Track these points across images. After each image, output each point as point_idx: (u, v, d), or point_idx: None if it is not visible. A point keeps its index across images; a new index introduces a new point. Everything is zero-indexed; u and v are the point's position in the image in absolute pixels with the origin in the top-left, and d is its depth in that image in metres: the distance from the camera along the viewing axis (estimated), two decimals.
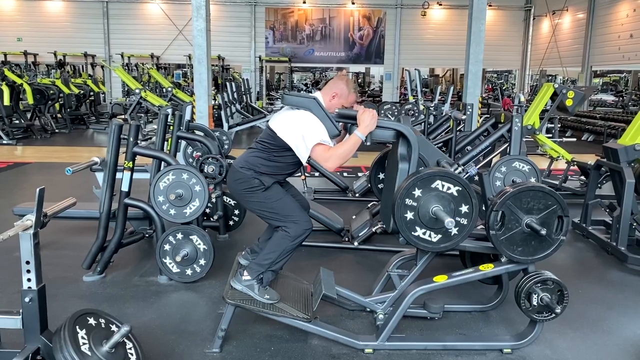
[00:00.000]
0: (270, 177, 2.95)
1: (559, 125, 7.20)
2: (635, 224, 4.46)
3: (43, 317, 2.28)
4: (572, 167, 6.66)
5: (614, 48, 15.75)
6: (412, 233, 2.72)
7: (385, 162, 3.65)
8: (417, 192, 2.68)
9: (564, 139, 7.66)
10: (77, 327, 2.17)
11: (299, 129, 2.86)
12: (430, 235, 2.73)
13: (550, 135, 6.89)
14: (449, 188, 2.68)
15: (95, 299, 3.50)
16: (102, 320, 2.32)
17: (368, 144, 2.92)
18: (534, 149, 8.65)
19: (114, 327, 2.34)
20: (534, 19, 20.64)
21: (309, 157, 2.92)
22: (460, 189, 2.68)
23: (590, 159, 6.67)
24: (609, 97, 21.01)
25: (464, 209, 2.69)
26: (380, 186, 4.14)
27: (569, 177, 6.89)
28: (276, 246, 2.93)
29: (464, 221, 2.70)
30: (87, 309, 2.32)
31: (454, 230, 2.70)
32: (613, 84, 23.59)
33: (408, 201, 2.68)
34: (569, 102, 6.10)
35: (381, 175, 4.15)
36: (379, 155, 4.22)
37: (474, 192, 2.70)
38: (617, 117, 12.90)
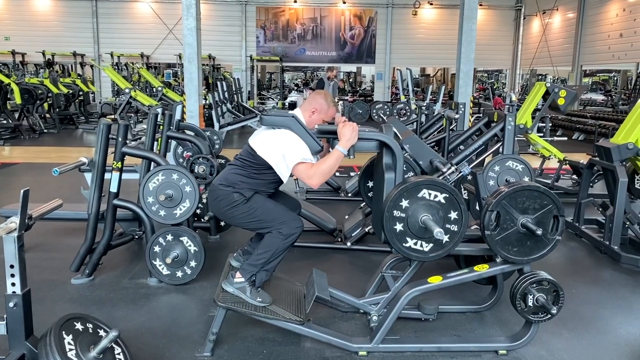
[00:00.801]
0: (250, 190, 2.91)
1: (550, 125, 7.22)
2: (628, 222, 4.45)
3: (28, 323, 2.22)
4: (564, 166, 6.66)
5: (604, 47, 15.83)
6: (403, 244, 2.69)
7: (373, 170, 3.61)
8: (405, 203, 2.65)
9: (555, 138, 7.67)
10: (64, 332, 2.11)
11: (279, 148, 2.82)
12: (421, 245, 2.70)
13: (542, 134, 6.90)
14: (436, 196, 2.65)
15: (84, 302, 3.43)
16: (90, 325, 2.26)
17: (352, 157, 2.86)
18: (525, 148, 8.67)
19: (102, 332, 2.28)
20: (524, 18, 20.72)
21: (291, 174, 2.88)
22: (447, 195, 2.65)
23: (581, 158, 6.67)
24: (599, 97, 21.12)
25: (453, 215, 2.66)
26: (370, 194, 4.10)
27: (561, 176, 6.89)
28: (269, 245, 2.88)
29: (454, 228, 2.67)
30: (73, 314, 2.25)
31: (445, 238, 2.67)
32: (602, 83, 23.73)
33: (396, 213, 2.65)
34: (561, 101, 6.10)
35: (370, 184, 4.11)
36: (367, 164, 4.18)
37: (462, 198, 2.67)
38: (607, 116, 12.96)
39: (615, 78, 23.96)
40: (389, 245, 2.79)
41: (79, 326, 2.20)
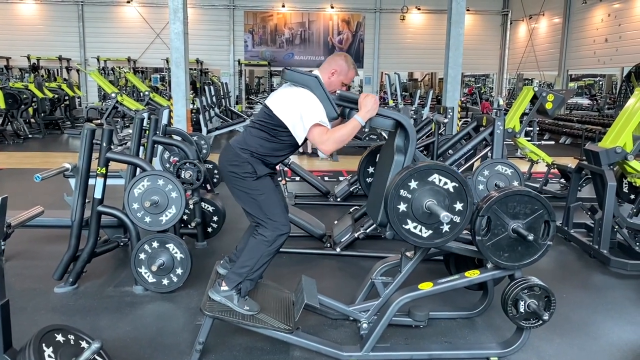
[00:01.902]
0: (264, 165, 2.82)
1: (537, 129, 7.24)
2: (617, 226, 4.46)
3: (7, 335, 2.13)
4: (552, 170, 6.68)
5: (590, 52, 15.99)
6: (403, 226, 2.61)
7: (377, 156, 3.56)
8: (413, 184, 2.59)
9: (543, 142, 7.71)
10: (44, 344, 2.03)
11: (297, 107, 2.73)
12: (420, 230, 2.63)
13: (529, 138, 6.92)
14: (445, 183, 2.59)
15: (67, 311, 3.34)
16: (71, 337, 2.19)
17: (366, 129, 2.81)
18: (512, 152, 8.70)
19: (84, 344, 2.21)
20: (511, 23, 20.89)
21: (305, 138, 2.80)
22: (457, 185, 2.60)
23: (569, 162, 6.71)
24: (585, 101, 21.32)
25: (458, 206, 2.61)
26: (368, 180, 4.04)
27: (549, 180, 6.90)
28: (253, 252, 2.82)
29: (457, 219, 2.61)
30: (54, 325, 2.18)
31: (446, 228, 2.62)
32: (587, 87, 23.96)
33: (402, 192, 2.58)
34: (548, 105, 6.12)
35: (370, 170, 4.05)
36: (370, 150, 4.13)
37: (470, 190, 2.63)
38: (593, 120, 13.06)
39: (601, 82, 24.20)
40: (384, 228, 2.73)
41: (59, 338, 2.13)
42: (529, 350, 2.93)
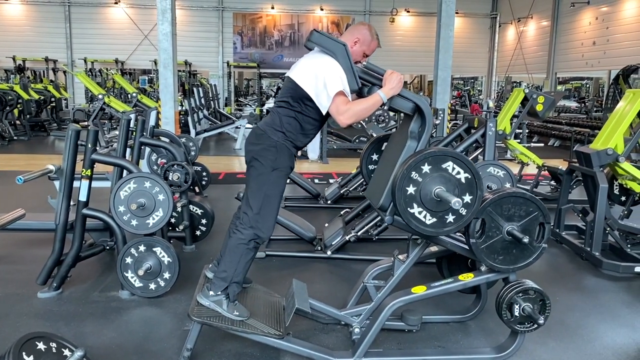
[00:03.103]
0: (288, 155, 2.74)
1: (527, 131, 7.24)
2: (608, 228, 4.44)
3: None
4: (542, 172, 6.67)
5: (578, 55, 16.11)
6: (408, 209, 2.53)
7: (382, 144, 3.48)
8: (426, 168, 2.51)
9: (532, 144, 7.72)
10: (24, 353, 1.95)
11: (321, 75, 2.63)
12: (425, 217, 2.55)
13: (519, 140, 6.91)
14: (458, 172, 2.52)
15: (50, 317, 3.25)
16: (53, 345, 2.10)
17: (386, 107, 2.75)
18: (502, 154, 8.71)
19: (66, 352, 2.13)
20: (499, 26, 21.01)
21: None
22: (469, 177, 2.53)
23: (558, 164, 6.71)
24: (572, 104, 21.50)
25: (467, 199, 2.53)
26: (371, 167, 3.96)
27: (539, 182, 6.89)
28: (232, 254, 2.74)
29: (463, 211, 2.55)
30: (35, 333, 2.09)
31: (450, 218, 2.55)
32: (576, 90, 24.17)
33: (414, 174, 2.50)
34: (539, 107, 6.11)
35: (374, 157, 3.96)
36: (376, 137, 4.05)
37: (482, 184, 2.56)
38: (582, 123, 13.14)
39: (588, 85, 24.41)
40: (384, 212, 2.65)
41: (41, 346, 2.05)
42: (524, 355, 2.89)
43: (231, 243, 2.76)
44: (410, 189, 2.53)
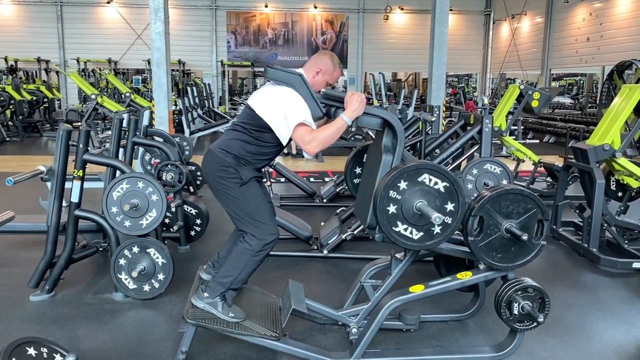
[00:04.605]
0: (249, 169, 2.71)
1: (522, 127, 7.23)
2: (606, 224, 4.42)
3: None
4: (538, 169, 6.65)
5: (572, 51, 16.12)
6: (393, 228, 2.53)
7: (364, 156, 3.46)
8: (403, 185, 2.50)
9: (527, 141, 7.70)
10: (14, 359, 1.90)
11: (281, 106, 2.62)
12: (411, 232, 2.55)
13: (514, 137, 6.89)
14: (436, 183, 2.51)
15: (43, 320, 3.20)
16: (44, 349, 2.05)
17: (353, 129, 2.72)
18: (498, 151, 8.69)
19: (58, 357, 2.08)
20: (493, 23, 21.01)
21: (290, 138, 2.69)
22: (448, 185, 2.52)
23: (554, 160, 6.70)
24: (567, 100, 21.53)
25: (450, 207, 2.53)
26: (356, 181, 3.94)
27: (535, 179, 6.88)
28: (236, 262, 2.70)
29: (449, 220, 2.54)
30: (25, 338, 2.04)
31: (437, 229, 2.54)
32: (570, 86, 24.20)
33: (392, 193, 2.50)
34: (534, 103, 6.09)
35: (358, 170, 3.95)
36: (357, 149, 4.04)
37: (462, 190, 2.54)
38: (576, 119, 13.15)
39: (582, 82, 24.46)
40: (373, 230, 2.64)
41: (31, 351, 2.00)
42: (523, 353, 2.86)
43: (237, 250, 2.72)
44: (392, 208, 2.52)
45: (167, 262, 3.45)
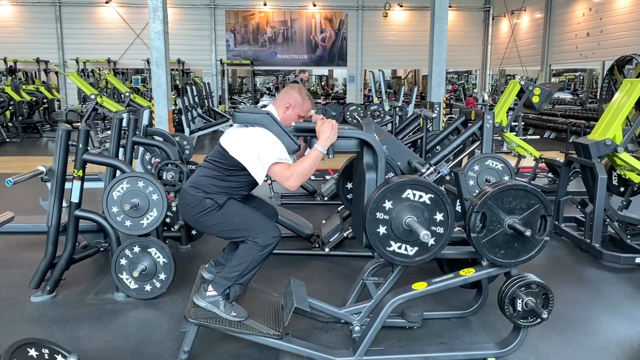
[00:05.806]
0: (223, 195, 2.72)
1: (522, 123, 7.20)
2: (608, 220, 4.40)
3: None
4: (539, 165, 6.63)
5: (572, 47, 16.06)
6: (387, 248, 2.55)
7: (352, 170, 3.46)
8: (388, 204, 2.51)
9: (528, 137, 7.67)
10: None
11: (253, 147, 2.63)
12: (406, 249, 2.56)
13: (515, 133, 6.87)
14: (420, 196, 2.52)
15: (44, 321, 3.19)
16: (46, 351, 2.05)
17: (331, 157, 2.71)
18: (499, 147, 8.66)
19: (59, 358, 2.07)
20: (493, 19, 20.94)
21: (267, 177, 2.71)
22: (432, 196, 2.53)
23: (555, 156, 6.67)
24: (567, 95, 21.49)
25: (439, 217, 2.54)
26: (349, 196, 3.96)
27: (537, 175, 6.85)
28: (243, 257, 2.69)
29: (440, 230, 2.55)
30: (27, 339, 2.03)
31: (431, 241, 2.54)
32: (569, 83, 24.15)
33: (379, 215, 2.51)
34: (535, 99, 6.07)
35: (349, 185, 3.97)
36: (346, 164, 4.03)
37: (448, 199, 2.54)
38: (577, 114, 13.12)
39: (582, 77, 24.41)
40: (370, 250, 2.65)
41: (32, 352, 1.99)
42: (527, 349, 2.85)
43: (244, 246, 2.72)
44: (382, 229, 2.53)
45: (169, 261, 3.43)
